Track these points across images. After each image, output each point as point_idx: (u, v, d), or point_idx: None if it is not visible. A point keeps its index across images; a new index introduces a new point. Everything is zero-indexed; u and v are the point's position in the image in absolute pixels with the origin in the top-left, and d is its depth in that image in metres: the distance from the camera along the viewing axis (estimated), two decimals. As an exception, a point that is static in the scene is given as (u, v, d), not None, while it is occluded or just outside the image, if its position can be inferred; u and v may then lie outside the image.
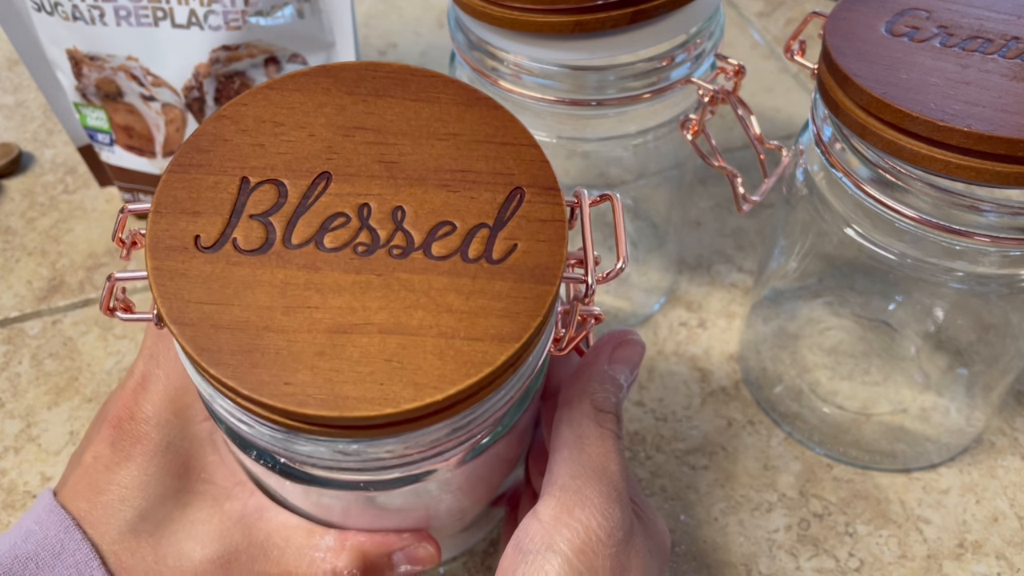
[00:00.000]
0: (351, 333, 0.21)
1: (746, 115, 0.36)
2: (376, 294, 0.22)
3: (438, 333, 0.21)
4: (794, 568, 0.37)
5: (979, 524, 0.38)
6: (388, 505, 0.28)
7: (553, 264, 0.22)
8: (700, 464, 0.40)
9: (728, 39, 0.65)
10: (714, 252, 0.50)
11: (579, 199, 0.24)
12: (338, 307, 0.21)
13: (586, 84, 0.34)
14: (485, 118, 0.25)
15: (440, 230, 0.23)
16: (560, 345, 0.25)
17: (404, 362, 0.21)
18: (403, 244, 0.22)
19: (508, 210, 0.23)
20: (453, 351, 0.21)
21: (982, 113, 0.27)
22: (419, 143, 0.24)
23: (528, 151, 0.24)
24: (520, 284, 0.22)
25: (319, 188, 0.23)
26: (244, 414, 0.23)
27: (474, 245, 0.23)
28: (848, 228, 0.33)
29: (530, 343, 0.22)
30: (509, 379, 0.23)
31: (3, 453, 0.41)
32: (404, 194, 0.23)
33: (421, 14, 0.69)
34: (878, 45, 0.30)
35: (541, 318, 0.22)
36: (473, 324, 0.21)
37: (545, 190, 0.24)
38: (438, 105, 0.25)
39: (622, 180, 0.50)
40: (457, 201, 0.23)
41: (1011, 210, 0.29)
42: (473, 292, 0.22)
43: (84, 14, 0.42)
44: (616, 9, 0.31)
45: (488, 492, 0.32)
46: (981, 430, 0.41)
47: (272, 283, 0.22)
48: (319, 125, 0.24)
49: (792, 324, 0.45)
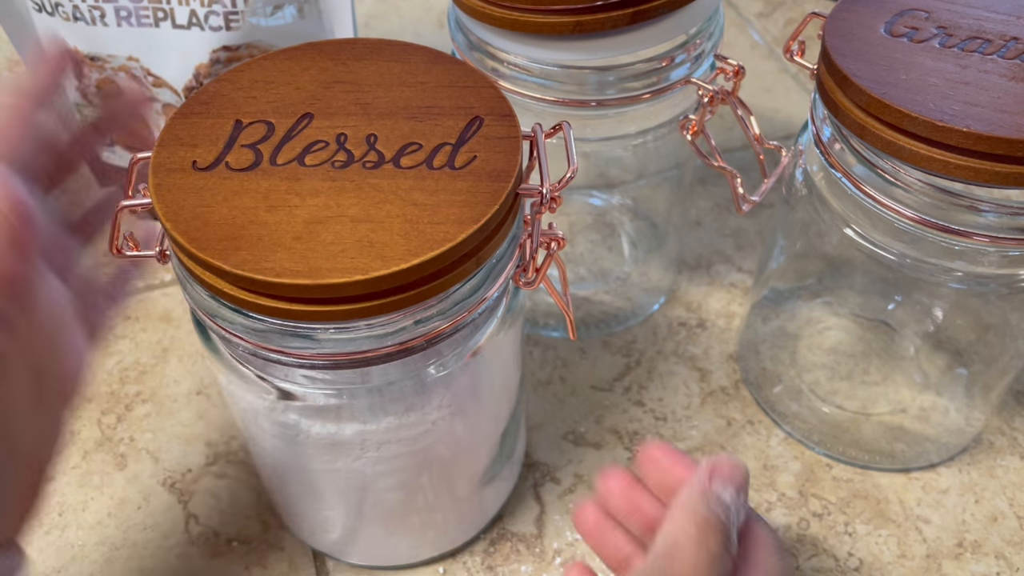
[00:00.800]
0: (326, 223, 0.24)
1: (746, 115, 0.36)
2: (349, 195, 0.24)
3: (404, 220, 0.24)
4: (794, 568, 0.37)
5: (978, 524, 0.38)
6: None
7: (509, 167, 0.25)
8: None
9: (728, 39, 0.65)
10: (714, 252, 0.50)
11: (535, 131, 0.28)
12: (315, 205, 0.24)
13: (586, 84, 0.34)
14: (449, 70, 0.28)
15: (408, 148, 0.26)
16: (528, 276, 0.27)
17: (373, 242, 0.23)
18: (375, 159, 0.25)
19: (468, 132, 0.26)
20: (418, 233, 0.23)
21: (981, 113, 0.27)
22: (390, 90, 0.27)
23: (487, 91, 0.27)
24: (479, 182, 0.25)
25: (302, 124, 0.26)
26: (235, 312, 0.25)
27: (438, 158, 0.25)
28: (847, 228, 0.33)
29: (488, 227, 0.24)
30: (473, 271, 0.25)
31: (4, 453, 0.41)
32: (376, 125, 0.26)
33: (421, 14, 0.69)
34: (877, 46, 0.30)
35: (498, 206, 0.24)
36: (436, 212, 0.24)
37: (502, 116, 0.27)
38: (408, 63, 0.28)
39: (622, 180, 0.50)
40: (423, 128, 0.26)
41: (1010, 210, 0.29)
42: (436, 190, 0.24)
43: (85, 15, 0.42)
44: (616, 10, 0.31)
45: (488, 418, 0.33)
46: (980, 430, 0.41)
47: (257, 190, 0.25)
48: (304, 81, 0.28)
49: (792, 324, 0.45)
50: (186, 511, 0.39)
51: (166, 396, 0.43)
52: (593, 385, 0.43)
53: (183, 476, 0.40)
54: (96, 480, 0.40)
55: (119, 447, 0.41)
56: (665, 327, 0.46)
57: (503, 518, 0.38)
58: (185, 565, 0.37)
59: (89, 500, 0.39)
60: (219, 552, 0.37)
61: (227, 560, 0.37)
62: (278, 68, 0.28)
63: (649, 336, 0.46)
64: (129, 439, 0.41)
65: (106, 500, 0.39)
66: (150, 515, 0.39)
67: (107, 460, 0.41)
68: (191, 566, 0.37)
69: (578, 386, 0.43)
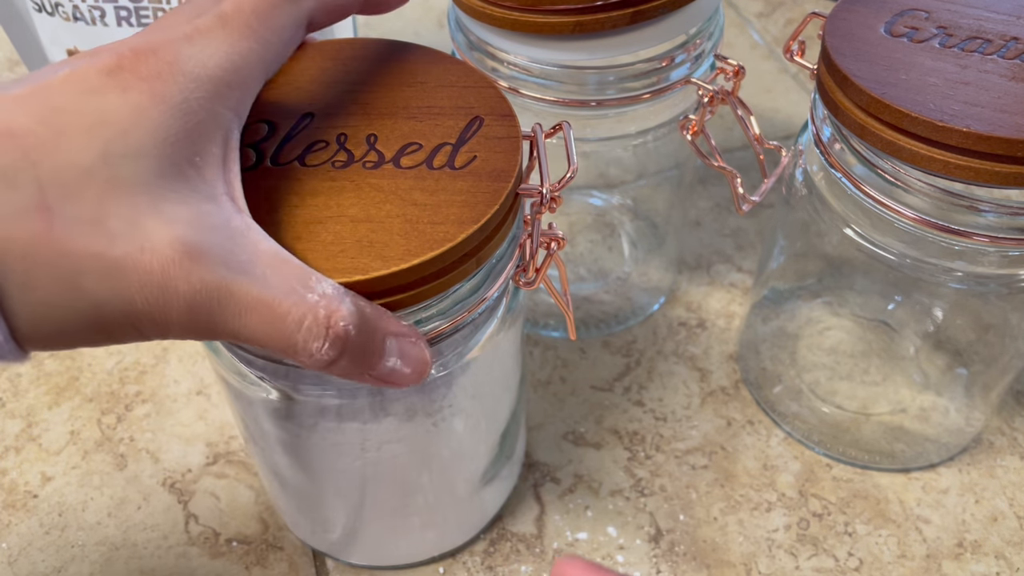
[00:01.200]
0: (325, 223, 0.24)
1: (745, 115, 0.36)
2: (349, 195, 0.24)
3: (404, 220, 0.24)
4: (793, 568, 0.37)
5: (978, 524, 0.38)
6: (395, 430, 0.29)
7: (509, 168, 0.25)
8: (700, 464, 0.40)
9: (728, 39, 0.65)
10: (714, 252, 0.50)
11: (535, 132, 0.28)
12: (315, 205, 0.24)
13: (586, 85, 0.34)
14: (449, 70, 0.28)
15: (408, 148, 0.26)
16: (528, 276, 0.27)
17: (373, 242, 0.23)
18: (375, 159, 0.25)
19: (469, 132, 0.26)
20: (417, 233, 0.23)
21: (981, 113, 0.27)
22: (391, 89, 0.27)
23: (487, 91, 0.27)
24: (479, 182, 0.25)
25: (303, 124, 0.26)
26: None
27: (438, 158, 0.25)
28: (847, 228, 0.33)
29: (488, 227, 0.24)
30: (473, 271, 0.25)
31: (4, 453, 0.41)
32: (377, 125, 0.26)
33: (421, 15, 0.69)
34: (877, 46, 0.30)
35: (498, 206, 0.24)
36: (436, 212, 0.24)
37: (502, 116, 0.27)
38: (408, 63, 0.28)
39: (622, 180, 0.50)
40: (423, 128, 0.26)
41: (1010, 210, 0.29)
42: (437, 190, 0.24)
43: (85, 15, 0.42)
44: (616, 10, 0.31)
45: (488, 418, 0.33)
46: (980, 430, 0.41)
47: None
48: (304, 81, 0.28)
49: (791, 324, 0.45)
50: (186, 511, 0.39)
51: (166, 396, 0.43)
52: (593, 385, 0.43)
53: (183, 476, 0.40)
54: (96, 480, 0.40)
55: (119, 447, 0.41)
56: (665, 327, 0.46)
57: (503, 518, 0.38)
58: (185, 565, 0.37)
59: (89, 500, 0.39)
60: (219, 552, 0.37)
61: (227, 560, 0.37)
62: (281, 69, 0.28)
63: (649, 336, 0.46)
64: (129, 439, 0.41)
65: (106, 500, 0.39)
66: (150, 515, 0.39)
67: (107, 460, 0.41)
68: (191, 566, 0.37)
69: (578, 386, 0.43)
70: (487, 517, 0.38)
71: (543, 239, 0.28)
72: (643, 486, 0.39)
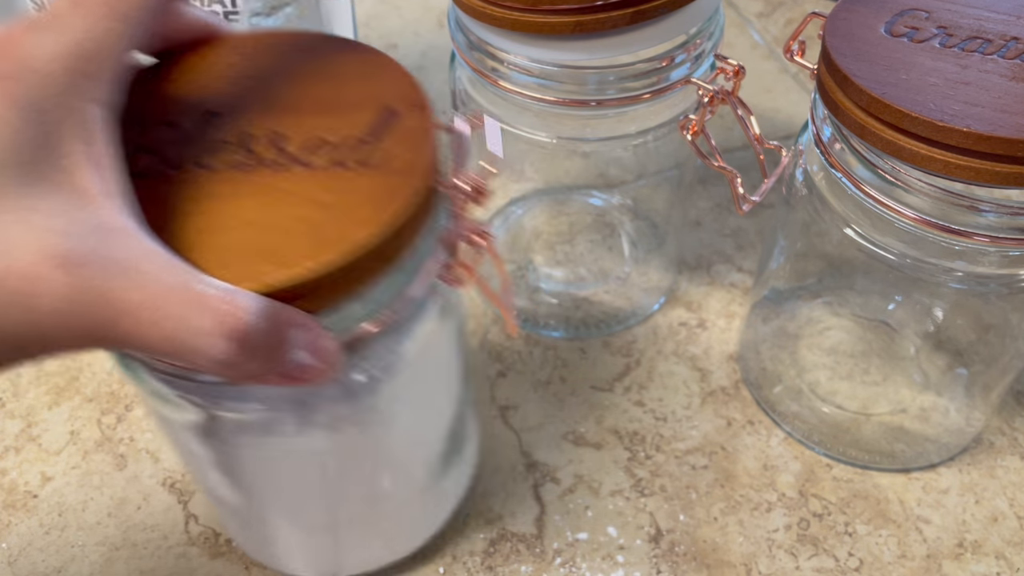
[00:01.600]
0: (222, 230, 0.22)
1: (746, 115, 0.36)
2: (250, 199, 0.23)
3: (308, 223, 0.22)
4: (793, 568, 0.37)
5: (979, 524, 0.38)
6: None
7: (419, 162, 0.24)
8: (700, 464, 0.40)
9: (728, 39, 0.65)
10: (714, 252, 0.50)
11: (456, 123, 0.27)
12: (212, 211, 0.23)
13: (586, 85, 0.34)
14: (362, 61, 0.27)
15: (316, 146, 0.24)
16: (454, 272, 0.26)
17: (274, 248, 0.22)
18: (280, 160, 0.24)
19: (380, 126, 0.25)
20: (320, 236, 0.22)
21: (981, 113, 0.27)
22: (299, 84, 0.26)
23: (401, 81, 0.26)
24: (388, 179, 0.23)
25: (206, 124, 0.25)
26: None
27: (347, 155, 0.24)
28: (847, 228, 0.33)
29: (396, 225, 0.23)
30: (382, 270, 0.24)
31: (3, 453, 0.41)
32: (284, 122, 0.25)
33: (421, 14, 0.69)
34: (877, 45, 0.30)
35: (407, 202, 0.23)
36: (341, 214, 0.23)
37: (415, 107, 0.25)
38: (319, 55, 0.27)
39: (622, 180, 0.50)
40: (332, 122, 0.25)
41: (1010, 210, 0.29)
42: (344, 190, 0.23)
43: (84, 14, 0.42)
44: (616, 10, 0.31)
45: (426, 422, 0.32)
46: (980, 430, 0.41)
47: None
48: (209, 78, 0.26)
49: (792, 324, 0.45)
50: (186, 511, 0.39)
51: (166, 396, 0.43)
52: (593, 385, 0.43)
53: (183, 476, 0.40)
54: (96, 480, 0.40)
55: (119, 447, 0.41)
56: (665, 327, 0.46)
57: (503, 518, 0.38)
58: (185, 565, 0.37)
59: (89, 500, 0.39)
60: (219, 552, 0.37)
61: (227, 560, 0.37)
62: (186, 68, 0.27)
63: (649, 336, 0.46)
64: (129, 439, 0.41)
65: (106, 500, 0.39)
66: (150, 515, 0.39)
67: (107, 460, 0.41)
68: (191, 566, 0.37)
69: (578, 386, 0.43)
70: (439, 521, 0.36)
71: (467, 234, 0.26)
72: (643, 486, 0.39)
